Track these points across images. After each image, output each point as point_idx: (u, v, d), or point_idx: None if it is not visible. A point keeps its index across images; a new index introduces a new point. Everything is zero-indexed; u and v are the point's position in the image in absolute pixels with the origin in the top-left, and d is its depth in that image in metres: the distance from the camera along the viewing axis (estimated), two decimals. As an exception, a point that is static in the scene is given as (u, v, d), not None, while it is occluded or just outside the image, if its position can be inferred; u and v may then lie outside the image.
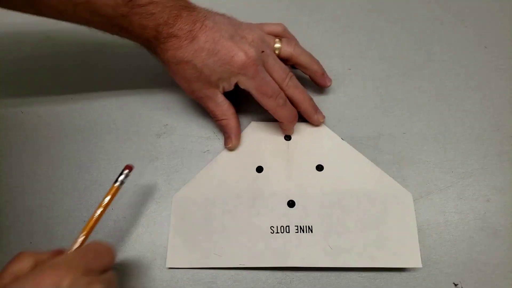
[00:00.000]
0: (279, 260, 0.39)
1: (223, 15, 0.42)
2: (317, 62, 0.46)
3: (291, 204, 0.42)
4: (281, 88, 0.42)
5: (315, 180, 0.43)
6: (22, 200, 0.44)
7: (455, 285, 0.39)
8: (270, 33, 0.45)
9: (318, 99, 0.48)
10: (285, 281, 0.40)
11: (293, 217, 0.41)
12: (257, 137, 0.46)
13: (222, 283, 0.40)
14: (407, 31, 0.52)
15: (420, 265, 0.39)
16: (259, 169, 0.44)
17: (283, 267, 0.40)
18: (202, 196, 0.43)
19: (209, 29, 0.39)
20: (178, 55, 0.39)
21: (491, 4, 0.53)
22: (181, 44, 0.38)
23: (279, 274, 0.40)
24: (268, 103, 0.42)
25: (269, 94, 0.41)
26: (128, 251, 0.41)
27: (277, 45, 0.44)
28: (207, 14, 0.40)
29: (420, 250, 0.40)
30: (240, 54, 0.39)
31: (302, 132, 0.46)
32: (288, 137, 0.45)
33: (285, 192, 0.42)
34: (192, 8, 0.40)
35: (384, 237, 0.40)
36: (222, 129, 0.44)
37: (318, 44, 0.52)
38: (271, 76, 0.41)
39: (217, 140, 0.46)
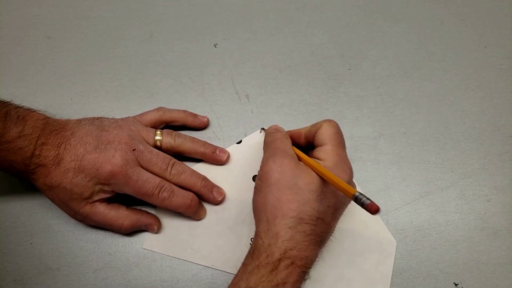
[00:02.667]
0: None
1: (92, 122, 0.40)
2: (204, 144, 0.44)
3: None
4: (166, 180, 0.40)
5: None
6: (22, 200, 0.44)
7: (455, 285, 0.39)
8: (150, 123, 0.44)
9: (318, 99, 0.48)
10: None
11: None
12: (262, 145, 0.45)
13: (221, 283, 0.40)
14: (407, 31, 0.52)
15: None
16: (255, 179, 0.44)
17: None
18: None
19: (73, 148, 0.38)
20: (48, 181, 0.38)
21: (491, 4, 0.53)
22: (49, 171, 0.37)
23: None
24: (152, 202, 0.39)
25: (149, 193, 0.38)
26: (128, 252, 0.41)
27: (158, 137, 0.42)
28: (74, 129, 0.39)
29: (419, 251, 0.40)
30: (105, 164, 0.37)
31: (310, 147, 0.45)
32: None
33: None
34: (60, 128, 0.39)
35: (356, 278, 0.40)
36: (133, 229, 0.41)
37: (318, 44, 0.52)
38: (151, 170, 0.39)
39: (218, 140, 0.46)
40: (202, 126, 0.46)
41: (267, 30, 0.53)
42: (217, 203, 0.43)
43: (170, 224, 0.42)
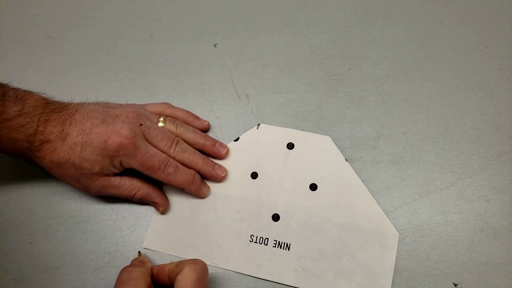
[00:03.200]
0: (250, 269, 0.40)
1: (97, 103, 0.41)
2: (204, 136, 0.45)
3: (275, 218, 0.42)
4: (170, 156, 0.41)
5: (305, 200, 0.42)
6: (21, 200, 0.44)
7: (455, 285, 0.39)
8: (154, 113, 0.44)
9: (318, 99, 0.48)
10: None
11: (274, 231, 0.41)
12: (260, 140, 0.45)
13: (222, 283, 0.40)
14: (407, 31, 0.52)
15: None
16: (254, 175, 0.44)
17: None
18: None
19: (79, 122, 0.38)
20: (55, 158, 0.37)
21: (491, 4, 0.53)
22: (55, 147, 0.37)
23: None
24: (158, 176, 0.40)
25: (156, 167, 0.39)
26: (128, 251, 0.42)
27: (160, 124, 0.42)
28: (78, 107, 0.39)
29: (418, 251, 0.40)
30: (113, 136, 0.37)
31: (307, 143, 0.45)
32: (290, 146, 0.45)
33: (273, 205, 0.42)
34: (61, 108, 0.39)
35: (357, 272, 0.39)
36: (142, 201, 0.42)
37: (318, 44, 0.52)
38: (156, 146, 0.40)
39: (217, 139, 0.46)
40: (202, 129, 0.46)
41: (267, 30, 0.53)
42: (220, 180, 0.43)
43: (170, 222, 0.42)
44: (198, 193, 0.42)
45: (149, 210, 0.43)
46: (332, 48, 0.52)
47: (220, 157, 0.44)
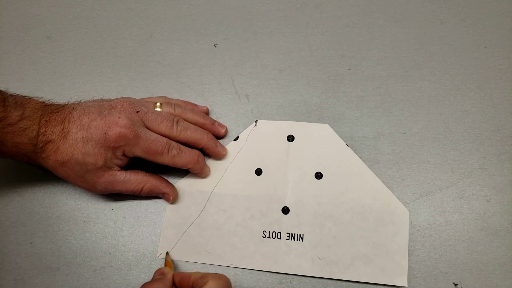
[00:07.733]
0: (267, 265, 0.40)
1: (92, 99, 0.42)
2: (203, 115, 0.45)
3: (285, 210, 0.42)
4: (173, 137, 0.41)
5: (312, 189, 0.43)
6: (22, 200, 0.44)
7: (455, 285, 0.39)
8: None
9: (318, 99, 0.48)
10: (285, 281, 0.40)
11: (286, 224, 0.41)
12: (260, 136, 0.46)
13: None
14: (407, 31, 0.52)
15: (405, 284, 0.39)
16: (258, 172, 0.44)
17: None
18: (199, 191, 0.43)
19: (77, 119, 0.38)
20: (59, 157, 0.38)
21: (491, 4, 0.53)
22: (58, 146, 0.38)
23: (278, 274, 0.40)
24: (162, 160, 0.40)
25: (159, 151, 0.39)
26: (128, 251, 0.42)
27: (158, 109, 0.42)
28: (75, 105, 0.40)
29: (418, 251, 0.39)
30: (112, 127, 0.38)
31: (306, 133, 0.45)
32: (290, 138, 0.45)
33: (281, 198, 0.42)
34: (60, 108, 0.39)
35: (373, 253, 0.40)
36: (151, 194, 0.42)
37: (318, 44, 0.52)
38: (157, 130, 0.40)
39: (217, 139, 0.46)
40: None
41: (267, 30, 0.53)
42: (221, 157, 0.44)
43: (181, 229, 0.42)
44: (202, 172, 0.43)
45: (149, 210, 0.43)
46: (332, 48, 0.52)
47: (220, 136, 0.46)
